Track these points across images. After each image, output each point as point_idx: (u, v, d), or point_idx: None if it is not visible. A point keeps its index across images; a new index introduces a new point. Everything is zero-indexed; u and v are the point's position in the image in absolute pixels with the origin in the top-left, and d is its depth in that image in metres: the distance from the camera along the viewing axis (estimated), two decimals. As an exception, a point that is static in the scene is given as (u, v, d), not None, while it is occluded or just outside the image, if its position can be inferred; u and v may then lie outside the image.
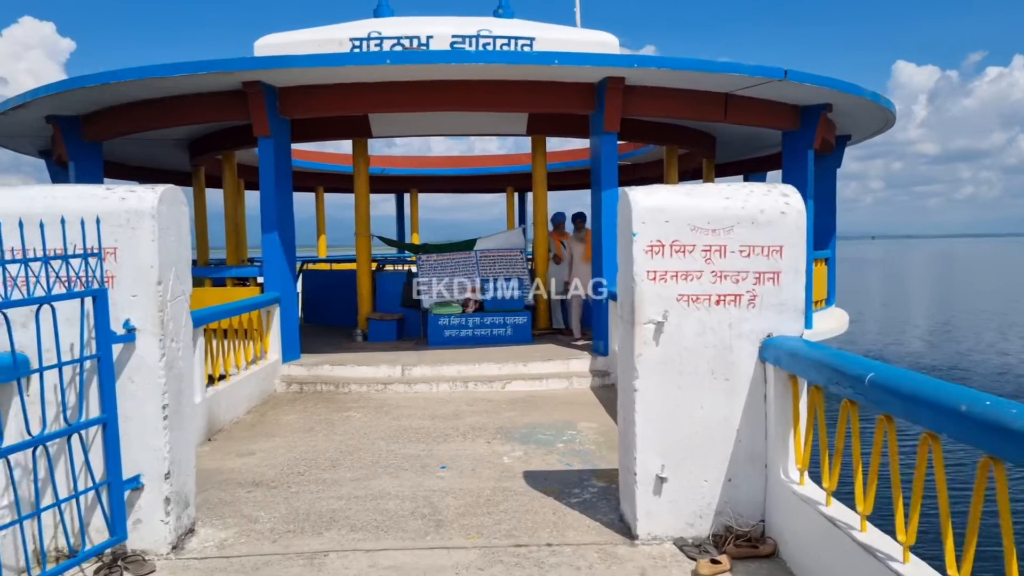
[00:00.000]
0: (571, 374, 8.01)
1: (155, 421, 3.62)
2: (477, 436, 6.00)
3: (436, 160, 19.10)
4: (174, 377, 3.73)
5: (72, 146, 9.40)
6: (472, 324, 9.58)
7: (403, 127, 9.82)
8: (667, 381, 3.70)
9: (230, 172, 11.89)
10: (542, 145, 10.64)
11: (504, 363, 8.16)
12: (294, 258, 8.46)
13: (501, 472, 5.04)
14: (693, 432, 3.72)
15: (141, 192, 3.59)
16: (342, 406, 7.15)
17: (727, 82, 8.14)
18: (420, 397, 7.52)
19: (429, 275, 10.29)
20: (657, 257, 3.67)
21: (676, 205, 3.68)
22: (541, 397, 7.44)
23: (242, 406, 6.89)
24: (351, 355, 8.81)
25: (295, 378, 8.02)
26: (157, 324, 3.58)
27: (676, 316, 3.69)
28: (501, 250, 10.67)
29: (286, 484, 4.86)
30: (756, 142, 12.33)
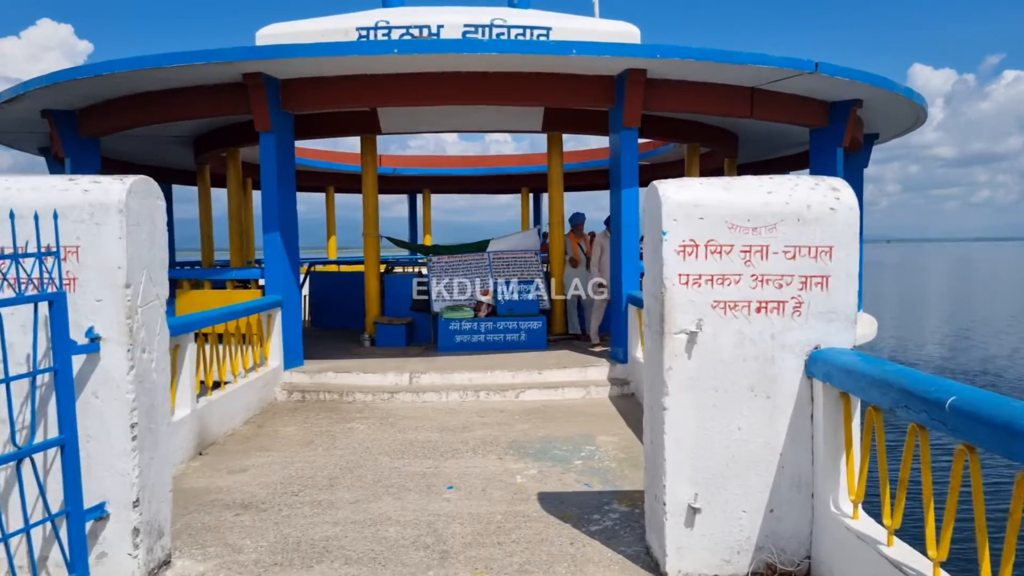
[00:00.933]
0: (588, 383, 7.59)
1: (122, 442, 3.22)
2: (488, 451, 5.58)
3: (450, 160, 18.73)
4: (146, 392, 3.34)
5: (68, 142, 9.10)
6: (484, 329, 9.17)
7: (413, 123, 9.43)
8: (701, 399, 3.27)
9: (234, 170, 11.57)
10: (558, 143, 10.22)
11: (518, 371, 7.75)
12: (297, 259, 8.09)
13: (514, 494, 4.62)
14: (730, 457, 3.28)
15: (107, 183, 3.21)
16: (345, 416, 6.76)
17: (754, 75, 7.67)
18: (428, 407, 7.12)
19: (440, 277, 9.91)
20: (690, 259, 3.24)
21: (712, 200, 3.24)
22: (557, 408, 7.01)
23: (239, 416, 6.51)
24: (357, 361, 8.43)
25: (297, 386, 7.64)
26: (125, 332, 3.19)
27: (711, 325, 3.25)
28: (515, 251, 10.27)
29: (278, 506, 4.46)
30: (780, 140, 11.83)
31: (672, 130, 10.15)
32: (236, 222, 11.62)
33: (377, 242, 10.16)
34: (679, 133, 10.31)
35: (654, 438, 3.41)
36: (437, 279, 9.89)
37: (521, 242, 10.48)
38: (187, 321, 5.46)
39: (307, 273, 12.37)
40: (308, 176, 16.76)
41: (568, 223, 10.31)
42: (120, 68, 7.35)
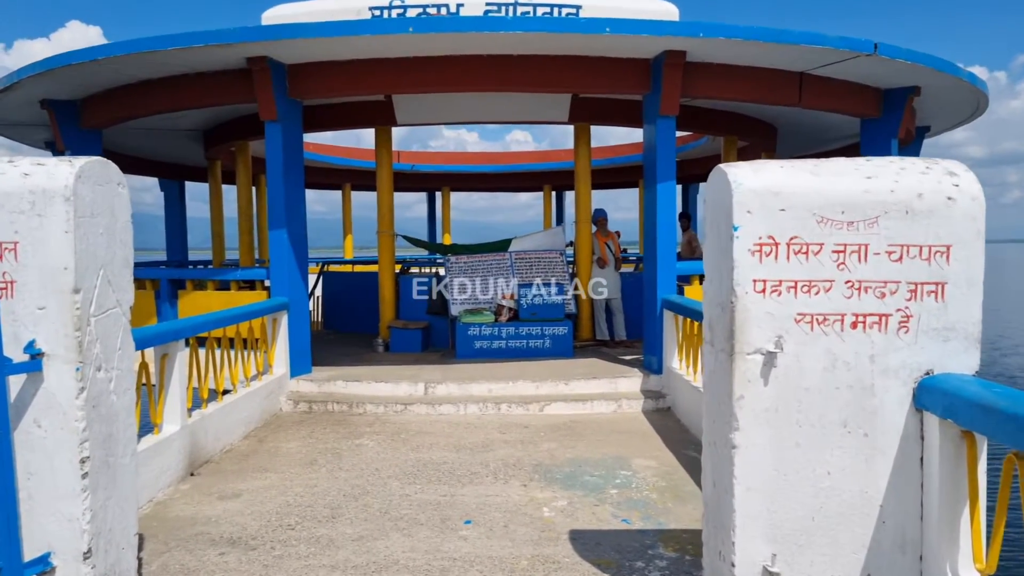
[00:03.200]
0: (619, 395, 6.96)
1: (70, 480, 2.66)
2: (511, 476, 4.97)
3: (469, 156, 18.16)
4: (101, 418, 2.77)
5: (68, 134, 8.63)
6: (506, 335, 8.57)
7: (430, 113, 8.85)
8: (780, 436, 2.63)
9: (243, 165, 11.07)
10: (586, 134, 9.59)
11: (542, 381, 7.15)
12: (306, 259, 7.55)
13: (540, 531, 4.00)
14: (817, 508, 2.64)
15: (52, 166, 2.64)
16: (354, 431, 6.19)
17: (805, 57, 6.99)
18: (445, 421, 6.53)
19: (458, 279, 9.34)
20: (768, 260, 2.61)
21: (796, 187, 2.60)
22: (585, 423, 6.39)
23: (238, 430, 5.97)
24: (369, 369, 7.87)
25: (304, 395, 7.10)
26: (73, 347, 2.63)
27: (794, 344, 2.62)
28: (539, 251, 9.68)
29: (270, 543, 3.88)
30: (824, 134, 11.11)
31: (708, 121, 9.49)
32: (245, 219, 11.14)
33: (392, 241, 9.61)
34: (715, 125, 9.65)
35: (719, 482, 2.78)
36: (455, 280, 9.32)
37: (545, 241, 9.88)
38: (174, 328, 4.91)
39: (320, 273, 11.87)
40: (324, 173, 16.33)
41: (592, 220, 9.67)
42: (116, 52, 6.85)
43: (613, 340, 9.36)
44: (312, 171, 15.73)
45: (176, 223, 15.31)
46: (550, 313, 8.69)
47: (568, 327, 8.63)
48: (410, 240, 10.10)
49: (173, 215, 15.37)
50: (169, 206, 15.38)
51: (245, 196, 11.12)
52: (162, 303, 8.59)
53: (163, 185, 15.24)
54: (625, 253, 9.89)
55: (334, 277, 11.55)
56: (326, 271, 11.89)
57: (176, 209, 15.38)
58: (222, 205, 12.93)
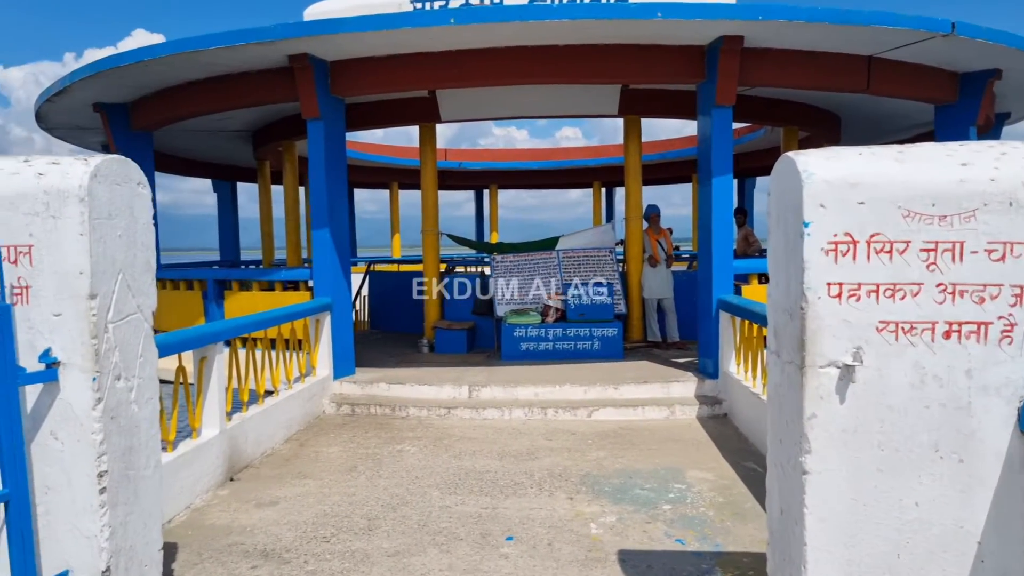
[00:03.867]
0: (672, 401, 6.65)
1: (87, 495, 2.52)
2: (556, 488, 4.72)
3: (517, 153, 17.94)
4: (121, 430, 2.63)
5: (119, 136, 8.73)
6: (553, 336, 8.32)
7: (475, 108, 8.65)
8: (859, 460, 2.33)
9: (290, 165, 11.07)
10: (636, 128, 9.26)
11: (590, 385, 6.88)
12: (348, 259, 7.44)
13: (587, 551, 3.75)
14: (902, 544, 2.32)
15: (67, 165, 2.50)
16: (396, 436, 6.03)
17: (875, 39, 6.55)
18: (489, 426, 6.33)
19: (504, 278, 9.14)
20: (845, 260, 2.30)
21: (879, 176, 2.29)
22: (636, 431, 6.10)
23: (280, 433, 5.87)
24: (412, 371, 7.72)
25: (347, 398, 6.98)
26: (89, 356, 2.49)
27: (876, 356, 2.30)
28: (587, 250, 9.40)
29: (303, 557, 3.73)
30: (891, 123, 10.53)
31: (766, 111, 9.06)
32: (292, 219, 11.15)
33: (437, 239, 9.45)
34: (774, 115, 9.20)
35: (788, 510, 2.49)
36: (501, 280, 9.12)
37: (594, 239, 9.59)
38: (212, 331, 4.81)
39: (366, 273, 11.81)
40: (372, 172, 16.35)
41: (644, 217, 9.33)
42: (162, 53, 6.84)
43: (665, 342, 9.02)
44: (360, 170, 15.86)
45: (228, 223, 15.52)
46: (599, 313, 8.41)
47: (618, 328, 8.34)
48: (455, 239, 9.93)
49: (226, 216, 15.59)
50: (222, 207, 15.60)
51: (292, 196, 11.13)
52: (209, 303, 8.61)
53: (216, 186, 15.47)
54: (677, 251, 9.53)
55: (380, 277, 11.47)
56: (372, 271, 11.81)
57: (228, 210, 15.59)
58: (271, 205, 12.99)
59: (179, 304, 8.97)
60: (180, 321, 8.54)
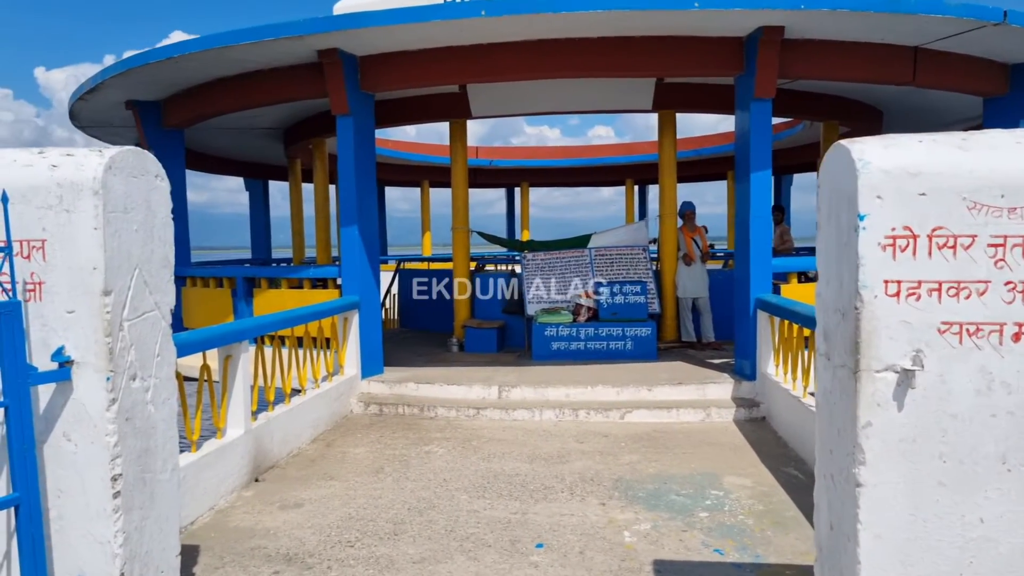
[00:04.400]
0: (708, 403, 6.45)
1: (101, 499, 2.44)
2: (588, 492, 4.58)
3: (549, 151, 17.79)
4: (136, 432, 2.55)
5: (151, 134, 8.79)
6: (585, 336, 8.16)
7: (506, 104, 8.52)
8: (918, 473, 2.14)
9: (320, 162, 11.05)
10: (671, 123, 9.04)
11: (623, 386, 6.71)
12: (377, 256, 7.37)
13: (621, 560, 3.59)
14: (965, 563, 2.13)
15: (81, 156, 2.43)
16: (424, 436, 5.93)
17: (922, 29, 6.27)
18: (519, 427, 6.20)
19: (535, 276, 9.01)
20: (904, 256, 2.12)
21: (942, 165, 2.10)
22: (671, 433, 5.92)
23: (306, 432, 5.81)
24: (441, 370, 7.63)
25: (375, 397, 6.91)
26: (103, 354, 2.41)
27: (938, 360, 2.12)
28: (620, 248, 9.22)
29: (326, 562, 3.63)
30: (937, 116, 10.15)
31: (805, 105, 8.78)
32: (322, 217, 11.13)
33: (467, 237, 9.34)
34: (814, 109, 8.92)
35: (839, 524, 2.31)
36: (532, 278, 8.98)
37: (627, 237, 9.42)
38: (237, 329, 4.75)
39: (396, 271, 11.77)
40: (403, 170, 16.32)
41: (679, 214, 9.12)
42: (191, 49, 6.83)
43: (700, 342, 8.80)
44: (392, 168, 15.84)
45: (260, 222, 15.60)
46: (632, 313, 8.23)
47: (651, 328, 8.15)
48: (486, 236, 9.82)
49: (257, 214, 15.67)
50: (253, 205, 15.68)
51: (322, 194, 11.12)
52: (239, 301, 8.61)
53: (248, 184, 15.56)
54: (713, 249, 9.30)
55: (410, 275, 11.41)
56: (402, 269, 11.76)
57: (260, 208, 15.67)
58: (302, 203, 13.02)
59: (209, 301, 9.00)
60: (209, 318, 8.56)
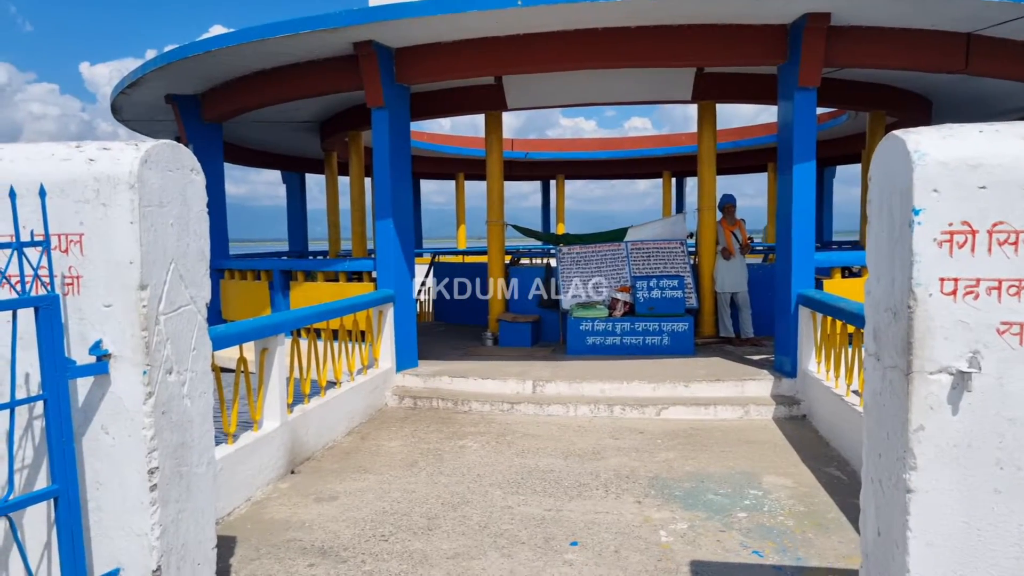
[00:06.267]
0: (747, 400, 6.34)
1: (138, 492, 2.46)
2: (623, 490, 4.52)
3: (585, 143, 17.65)
4: (173, 426, 2.56)
5: (190, 127, 8.92)
6: (620, 330, 8.08)
7: (543, 95, 8.45)
8: (974, 479, 2.05)
9: (356, 155, 11.12)
10: (711, 114, 8.88)
11: (660, 382, 6.63)
12: (412, 250, 7.38)
13: (656, 560, 3.53)
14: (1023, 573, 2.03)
15: (117, 151, 2.44)
16: (458, 431, 5.93)
17: (976, 15, 6.04)
18: (553, 423, 6.16)
19: (571, 270, 8.94)
20: (961, 253, 2.02)
21: (1005, 156, 2.00)
22: (708, 431, 5.82)
23: (341, 425, 5.84)
24: (476, 364, 7.62)
25: (409, 391, 6.93)
26: (140, 348, 2.42)
27: (996, 362, 2.02)
28: (658, 241, 9.12)
29: (361, 556, 3.64)
30: (989, 105, 9.81)
31: (851, 95, 8.54)
32: (358, 210, 11.20)
33: (502, 230, 9.32)
34: (859, 98, 8.67)
35: (887, 531, 2.22)
36: (567, 272, 8.92)
37: (664, 230, 9.30)
38: (273, 322, 4.79)
39: (431, 264, 11.80)
40: (438, 162, 16.36)
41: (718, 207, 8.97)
42: (229, 43, 6.90)
43: (739, 338, 8.66)
44: (427, 161, 15.88)
45: (297, 214, 15.79)
46: (669, 307, 8.13)
47: (689, 323, 8.04)
48: (520, 230, 9.78)
49: (294, 206, 15.87)
50: (291, 198, 15.89)
51: (358, 186, 11.18)
52: (275, 294, 8.71)
53: (285, 177, 15.77)
54: (752, 242, 9.14)
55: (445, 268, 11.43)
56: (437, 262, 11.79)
57: (297, 201, 15.87)
58: (338, 196, 13.12)
59: (247, 294, 9.12)
60: (247, 310, 8.68)
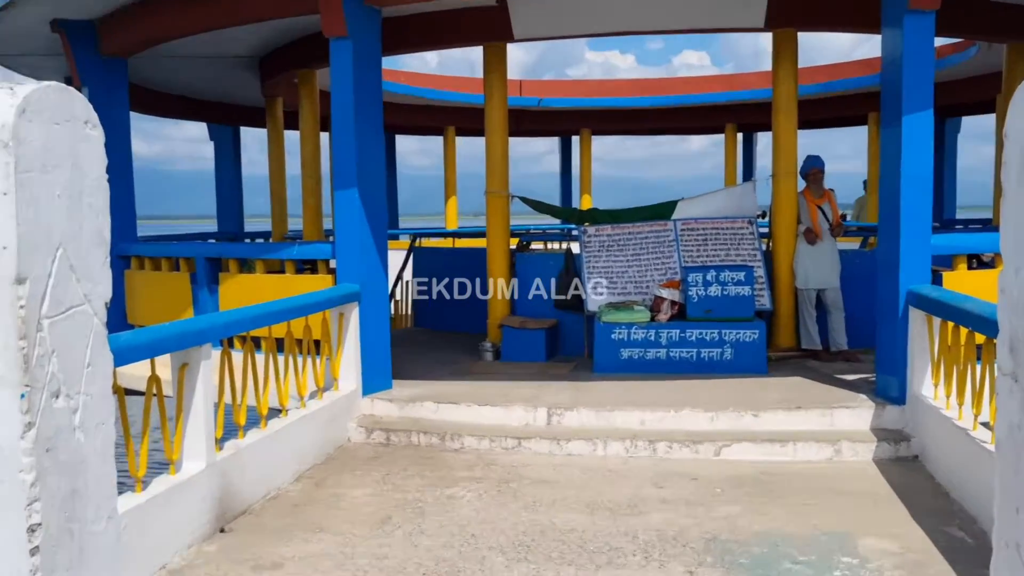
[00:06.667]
0: (838, 435, 6.41)
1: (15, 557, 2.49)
2: (669, 557, 4.55)
3: (619, 85, 17.73)
4: (60, 467, 2.59)
5: (85, 64, 9.03)
6: (667, 340, 8.16)
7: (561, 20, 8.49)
8: None
9: (309, 103, 11.19)
10: (790, 47, 8.91)
11: (719, 411, 6.72)
12: (385, 230, 7.46)
13: (714, 653, 3.55)
14: None
15: (-14, 96, 2.45)
16: (445, 476, 5.97)
17: None
18: (575, 465, 6.22)
19: (599, 259, 9.01)
20: None
21: None
22: (785, 477, 5.87)
23: (288, 468, 5.90)
24: (470, 386, 7.72)
25: (380, 421, 7.03)
26: (15, 364, 2.44)
27: None
28: (717, 220, 9.19)
29: (313, 644, 3.67)
30: None
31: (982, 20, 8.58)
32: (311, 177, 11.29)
33: (506, 204, 9.38)
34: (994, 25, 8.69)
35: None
36: (595, 261, 8.97)
37: (726, 205, 9.39)
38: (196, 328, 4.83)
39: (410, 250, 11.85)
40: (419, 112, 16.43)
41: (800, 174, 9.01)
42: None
43: (827, 351, 8.72)
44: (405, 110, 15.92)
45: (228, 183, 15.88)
46: (733, 310, 8.20)
47: (759, 330, 8.12)
48: (532, 204, 9.83)
49: (225, 172, 15.95)
50: (220, 160, 15.97)
51: (311, 145, 11.25)
52: (200, 290, 8.76)
53: (213, 133, 15.83)
54: (846, 221, 9.18)
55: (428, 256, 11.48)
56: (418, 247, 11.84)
57: (229, 164, 15.95)
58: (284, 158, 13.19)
59: (161, 290, 9.19)
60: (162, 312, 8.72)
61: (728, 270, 8.36)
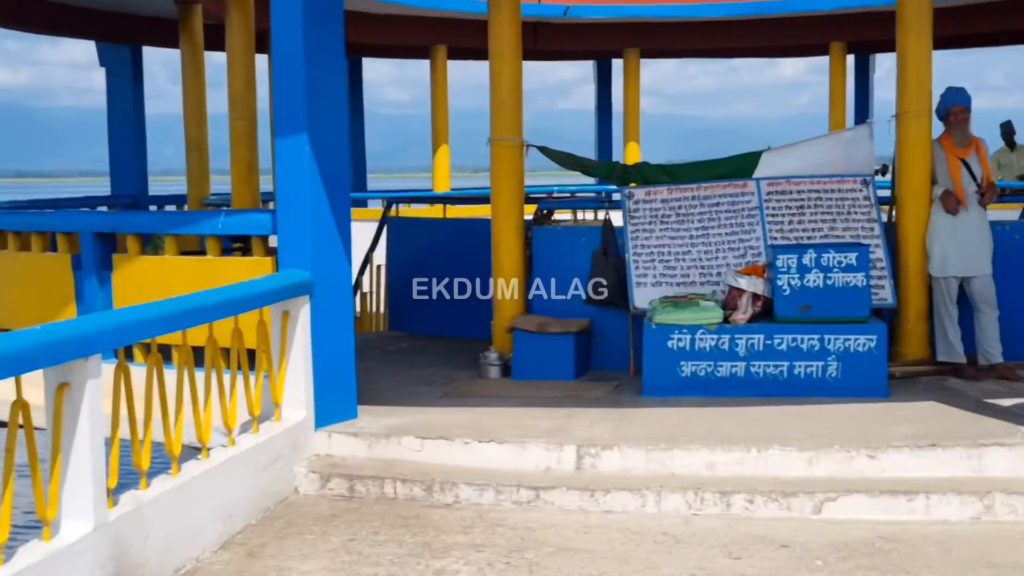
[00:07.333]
0: (989, 484, 6.51)
1: None
2: (749, 661, 4.61)
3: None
4: None
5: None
6: (746, 350, 8.28)
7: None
8: None
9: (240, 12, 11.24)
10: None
11: (820, 449, 6.83)
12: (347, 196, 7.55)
13: None
14: None
15: None
16: (432, 541, 6.06)
17: None
18: (615, 526, 6.31)
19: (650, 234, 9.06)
20: None
21: None
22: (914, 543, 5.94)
23: (211, 529, 5.97)
24: (468, 413, 7.86)
25: (340, 464, 7.16)
26: None
27: None
28: (817, 179, 9.27)
29: None
30: None
31: None
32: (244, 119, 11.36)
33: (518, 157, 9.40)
34: None
35: None
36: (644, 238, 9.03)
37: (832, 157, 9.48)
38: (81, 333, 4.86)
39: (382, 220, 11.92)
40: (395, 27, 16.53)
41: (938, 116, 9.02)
42: None
43: (973, 364, 8.75)
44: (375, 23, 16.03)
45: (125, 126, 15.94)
46: (840, 306, 8.32)
47: (878, 335, 8.23)
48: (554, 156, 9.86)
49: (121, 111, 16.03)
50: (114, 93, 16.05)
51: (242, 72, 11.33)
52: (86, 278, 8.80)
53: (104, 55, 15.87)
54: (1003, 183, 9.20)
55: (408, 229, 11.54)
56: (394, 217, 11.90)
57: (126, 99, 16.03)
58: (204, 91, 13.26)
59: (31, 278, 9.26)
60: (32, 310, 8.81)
61: (834, 250, 8.40)
